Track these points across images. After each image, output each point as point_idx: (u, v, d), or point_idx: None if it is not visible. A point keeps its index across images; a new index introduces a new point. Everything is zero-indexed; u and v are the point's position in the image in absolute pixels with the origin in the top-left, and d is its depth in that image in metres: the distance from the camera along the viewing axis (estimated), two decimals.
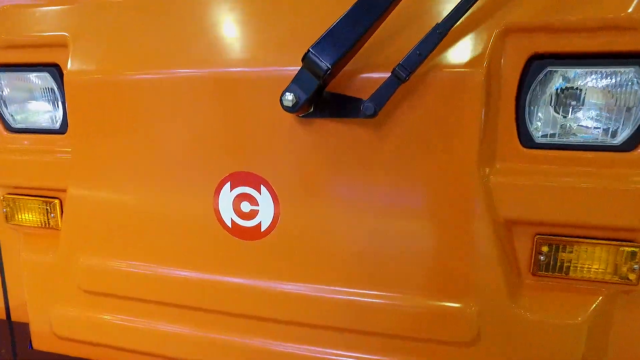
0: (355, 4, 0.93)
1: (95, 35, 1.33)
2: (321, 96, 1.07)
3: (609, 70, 1.03)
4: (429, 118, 1.06)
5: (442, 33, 0.94)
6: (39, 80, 1.46)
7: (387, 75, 1.00)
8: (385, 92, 0.97)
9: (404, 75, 0.95)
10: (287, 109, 0.99)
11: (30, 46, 1.41)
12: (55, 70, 1.41)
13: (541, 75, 1.06)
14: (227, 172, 1.20)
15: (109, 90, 1.28)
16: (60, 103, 1.44)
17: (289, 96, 0.98)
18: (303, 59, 0.95)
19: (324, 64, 0.92)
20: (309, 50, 0.93)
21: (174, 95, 1.21)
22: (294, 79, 0.98)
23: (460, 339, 1.14)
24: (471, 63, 1.03)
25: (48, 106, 1.48)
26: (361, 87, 1.07)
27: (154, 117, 1.25)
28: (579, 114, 1.08)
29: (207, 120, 1.19)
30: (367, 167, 1.11)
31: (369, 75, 1.07)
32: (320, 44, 0.93)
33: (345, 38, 0.92)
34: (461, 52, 1.03)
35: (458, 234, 1.10)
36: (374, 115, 0.97)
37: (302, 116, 1.10)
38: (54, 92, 1.45)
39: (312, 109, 1.08)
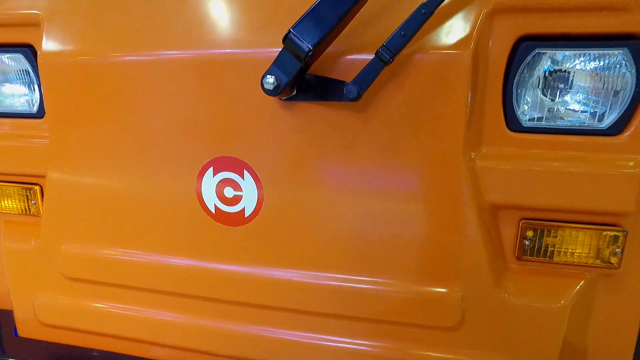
0: None
1: (70, 14, 1.27)
2: (304, 78, 1.03)
3: (597, 52, 1.01)
4: (414, 101, 1.03)
5: (427, 13, 0.91)
6: (13, 61, 1.40)
7: (372, 57, 0.97)
8: (368, 75, 0.94)
9: (388, 57, 0.92)
10: (268, 92, 0.96)
11: (1, 25, 1.35)
12: (29, 51, 1.35)
13: (529, 58, 1.04)
14: (209, 157, 1.18)
15: (85, 73, 1.23)
16: (36, 86, 1.39)
17: (270, 79, 0.94)
18: (284, 40, 0.91)
19: (305, 45, 0.89)
20: (289, 31, 0.90)
21: (153, 78, 1.17)
22: (274, 61, 0.95)
23: (444, 324, 1.14)
24: (458, 44, 1.00)
25: (24, 89, 1.42)
26: (345, 69, 1.04)
27: (133, 101, 1.21)
28: (567, 98, 1.07)
29: (188, 104, 1.16)
30: (351, 151, 1.09)
31: (353, 57, 1.03)
32: (301, 25, 0.89)
33: (327, 18, 0.89)
34: (448, 33, 1.00)
35: (443, 218, 1.09)
36: (357, 98, 0.95)
37: (285, 99, 1.06)
38: (29, 75, 1.39)
39: (294, 92, 1.05)
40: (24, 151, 1.41)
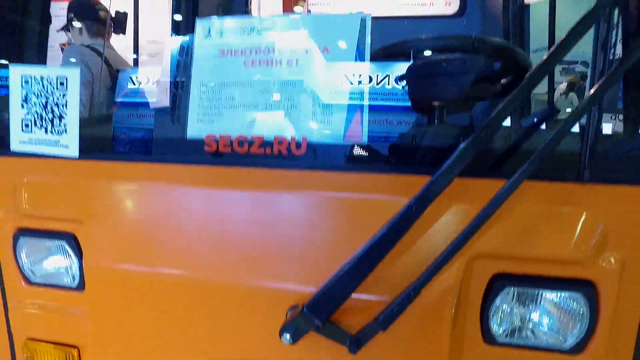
0: (348, 264, 1.09)
1: (110, 221, 1.46)
2: None
3: (559, 292, 1.22)
4: (402, 339, 1.23)
5: (415, 293, 1.10)
6: (57, 241, 1.60)
7: (372, 297, 1.17)
8: (366, 336, 1.13)
9: (384, 327, 1.12)
10: (285, 343, 1.16)
11: (48, 218, 1.55)
12: (72, 239, 1.55)
13: (503, 291, 1.24)
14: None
15: (123, 276, 1.43)
16: (77, 262, 1.58)
17: (287, 336, 1.14)
18: (299, 313, 1.11)
19: (317, 321, 1.09)
20: (303, 307, 1.09)
21: (188, 293, 1.35)
22: (291, 321, 1.14)
23: None
24: (443, 294, 1.20)
25: (66, 263, 1.61)
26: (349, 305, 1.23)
27: (166, 310, 1.39)
28: (535, 320, 1.27)
29: (209, 323, 1.35)
30: None
31: (356, 296, 1.22)
32: (313, 303, 1.08)
33: (338, 296, 1.08)
34: (433, 284, 1.20)
35: None
36: (356, 352, 1.14)
37: None
38: (71, 255, 1.59)
39: None
40: (63, 322, 1.59)
